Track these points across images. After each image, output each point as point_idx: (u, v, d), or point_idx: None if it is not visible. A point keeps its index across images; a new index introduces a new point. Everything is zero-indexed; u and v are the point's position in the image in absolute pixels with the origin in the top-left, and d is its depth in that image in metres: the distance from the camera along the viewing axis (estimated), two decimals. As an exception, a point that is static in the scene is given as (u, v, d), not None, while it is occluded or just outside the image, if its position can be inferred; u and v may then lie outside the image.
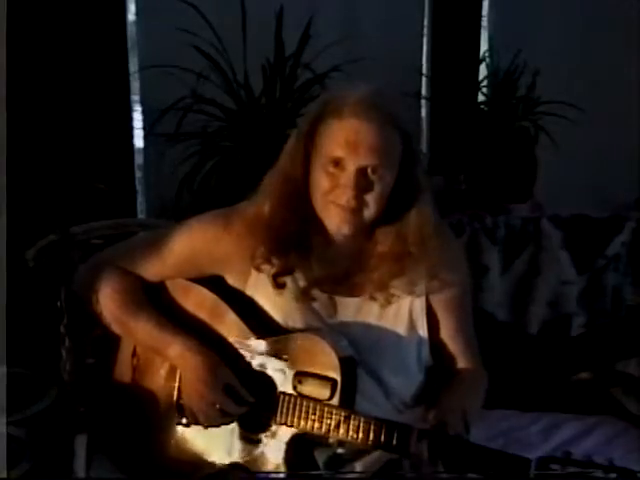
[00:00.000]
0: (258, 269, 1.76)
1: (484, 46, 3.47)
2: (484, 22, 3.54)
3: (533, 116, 3.21)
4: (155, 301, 1.84)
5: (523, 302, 3.02)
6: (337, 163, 1.64)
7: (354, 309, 1.77)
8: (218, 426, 1.75)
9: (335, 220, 1.67)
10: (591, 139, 3.48)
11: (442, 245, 1.75)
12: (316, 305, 1.76)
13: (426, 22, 3.51)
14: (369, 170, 1.63)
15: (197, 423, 1.76)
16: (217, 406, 1.73)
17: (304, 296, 1.75)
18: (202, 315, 1.82)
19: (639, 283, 3.05)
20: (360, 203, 1.65)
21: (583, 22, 3.51)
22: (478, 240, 2.96)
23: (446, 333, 1.82)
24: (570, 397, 2.84)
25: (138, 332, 1.82)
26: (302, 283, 1.75)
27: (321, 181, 1.66)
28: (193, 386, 1.75)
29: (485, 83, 3.35)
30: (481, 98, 3.38)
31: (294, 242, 1.72)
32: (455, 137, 3.30)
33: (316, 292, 1.76)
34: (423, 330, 1.79)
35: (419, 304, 1.78)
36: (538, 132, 3.19)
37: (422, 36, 3.52)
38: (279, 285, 1.75)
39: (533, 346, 3.02)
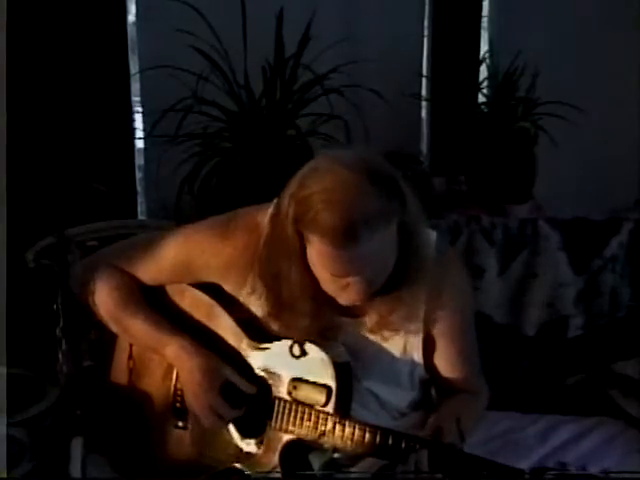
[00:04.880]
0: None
1: (484, 47, 3.46)
2: (484, 23, 3.52)
3: (533, 117, 3.20)
4: (152, 301, 1.85)
5: (520, 304, 3.00)
6: None
7: (350, 325, 1.77)
8: (215, 428, 1.77)
9: (345, 302, 1.65)
10: (591, 140, 3.47)
11: (440, 278, 1.73)
12: None
13: (426, 23, 3.50)
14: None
15: (198, 423, 1.78)
16: (211, 408, 1.74)
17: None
18: (197, 317, 1.83)
19: (636, 284, 3.04)
20: (369, 291, 1.62)
21: (583, 22, 3.49)
22: (475, 242, 2.95)
23: (444, 358, 1.82)
24: (568, 399, 2.84)
25: (135, 331, 1.83)
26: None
27: (323, 280, 1.62)
28: (189, 387, 1.77)
29: (485, 84, 3.34)
30: (481, 99, 3.37)
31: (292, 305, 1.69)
32: (455, 138, 3.29)
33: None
34: (418, 354, 1.78)
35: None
36: (538, 133, 3.19)
37: (422, 37, 3.51)
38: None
39: (530, 348, 3.01)
